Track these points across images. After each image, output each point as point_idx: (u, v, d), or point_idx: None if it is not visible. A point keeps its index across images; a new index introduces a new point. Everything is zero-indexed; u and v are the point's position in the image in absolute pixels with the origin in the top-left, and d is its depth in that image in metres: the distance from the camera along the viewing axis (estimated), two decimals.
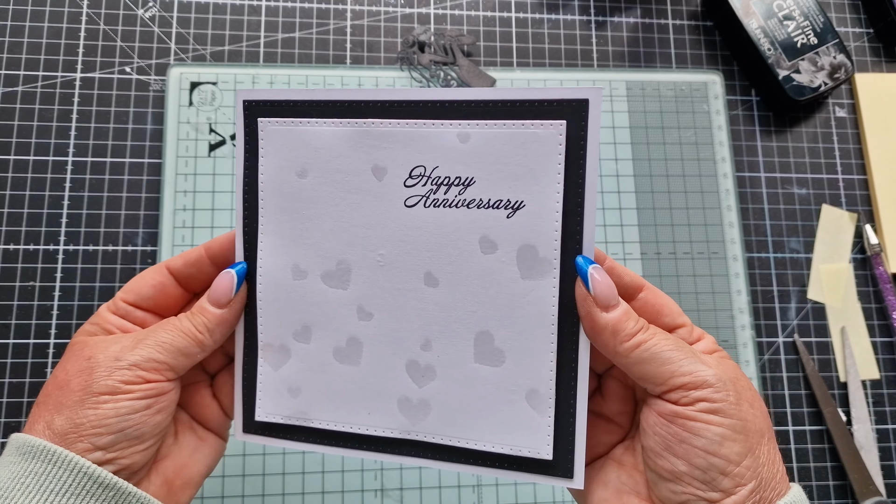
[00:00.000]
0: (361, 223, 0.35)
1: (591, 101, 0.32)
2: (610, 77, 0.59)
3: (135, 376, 0.32)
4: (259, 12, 0.58)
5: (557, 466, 0.33)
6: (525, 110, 0.33)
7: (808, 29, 0.59)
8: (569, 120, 0.33)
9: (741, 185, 0.59)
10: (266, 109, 0.36)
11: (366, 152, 0.35)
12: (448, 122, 0.34)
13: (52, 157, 0.54)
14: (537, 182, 0.33)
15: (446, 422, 0.35)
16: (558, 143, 0.33)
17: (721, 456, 0.28)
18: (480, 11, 0.61)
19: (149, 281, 0.36)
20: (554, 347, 0.33)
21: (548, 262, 0.33)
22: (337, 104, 0.35)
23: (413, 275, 0.35)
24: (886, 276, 0.58)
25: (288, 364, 0.37)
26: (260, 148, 0.36)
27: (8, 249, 0.52)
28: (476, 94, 0.34)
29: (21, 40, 0.55)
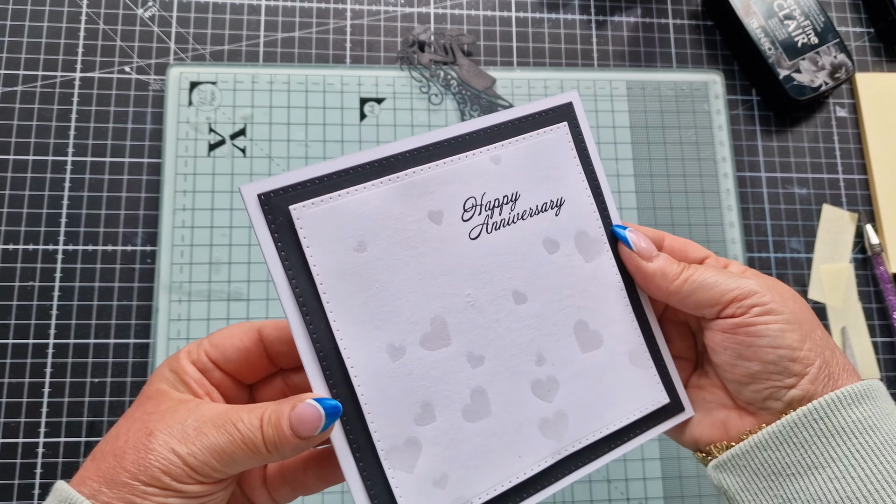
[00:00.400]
0: (438, 272, 0.34)
1: (573, 102, 0.39)
2: (610, 77, 0.59)
3: (187, 477, 0.29)
4: (259, 12, 0.58)
5: (672, 407, 0.38)
6: (531, 123, 0.38)
7: (808, 28, 0.59)
8: (567, 120, 0.39)
9: (742, 184, 0.59)
10: (290, 196, 0.32)
11: (417, 202, 0.34)
12: (478, 150, 0.36)
13: (51, 157, 0.54)
14: (566, 177, 0.38)
15: (585, 420, 0.36)
16: (568, 140, 0.39)
17: (785, 346, 0.33)
18: (480, 11, 0.60)
19: (237, 343, 0.33)
20: (630, 309, 0.38)
21: (599, 240, 0.38)
22: (369, 166, 0.34)
23: (503, 299, 0.36)
24: (887, 275, 0.58)
25: (422, 456, 0.33)
26: (301, 239, 0.32)
27: (7, 249, 0.52)
28: (489, 120, 0.37)
29: (20, 40, 0.55)
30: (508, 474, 0.35)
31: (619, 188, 0.57)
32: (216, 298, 0.52)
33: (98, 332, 0.51)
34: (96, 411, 0.50)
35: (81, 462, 0.49)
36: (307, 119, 0.55)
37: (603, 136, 0.58)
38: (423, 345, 0.34)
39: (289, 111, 0.55)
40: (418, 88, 0.57)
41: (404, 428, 0.33)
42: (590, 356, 0.37)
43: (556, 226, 0.37)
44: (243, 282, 0.52)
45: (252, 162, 0.54)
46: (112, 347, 0.51)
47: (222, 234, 0.53)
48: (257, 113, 0.55)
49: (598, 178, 0.39)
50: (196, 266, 0.52)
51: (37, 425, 0.50)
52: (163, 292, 0.51)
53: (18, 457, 0.49)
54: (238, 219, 0.53)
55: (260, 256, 0.53)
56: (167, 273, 0.52)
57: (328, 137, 0.55)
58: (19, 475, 0.49)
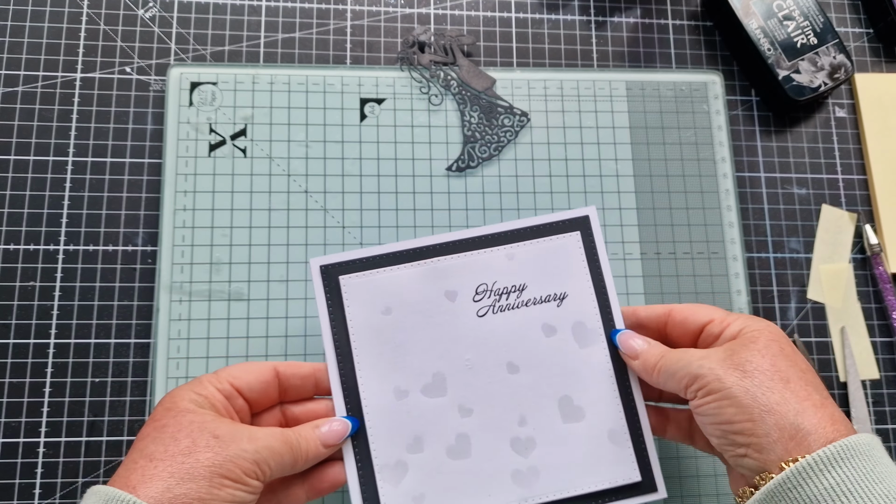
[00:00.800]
0: (446, 338, 0.43)
1: (590, 216, 0.47)
2: (610, 77, 0.59)
3: (252, 473, 0.34)
4: (259, 12, 0.58)
5: (644, 485, 0.42)
6: (548, 230, 0.46)
7: (807, 29, 0.59)
8: (580, 230, 0.46)
9: (741, 185, 0.59)
10: (341, 269, 0.45)
11: (436, 283, 0.44)
12: (496, 248, 0.45)
13: (52, 157, 0.54)
14: (572, 276, 0.45)
15: (555, 479, 0.42)
16: (578, 247, 0.46)
17: (724, 422, 0.34)
18: (480, 11, 0.61)
19: (260, 377, 0.38)
20: (616, 392, 0.43)
21: (595, 331, 0.44)
22: (404, 253, 0.44)
23: (498, 368, 0.43)
24: (886, 275, 0.58)
25: (407, 477, 0.41)
26: (344, 300, 0.44)
27: (8, 249, 0.52)
28: (511, 225, 0.46)
29: (21, 40, 0.55)
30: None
31: (618, 188, 0.57)
32: (217, 298, 0.52)
33: (99, 332, 0.51)
34: (97, 411, 0.50)
35: (82, 462, 0.49)
36: (307, 119, 0.55)
37: (602, 136, 0.58)
38: (424, 392, 0.42)
39: (289, 111, 0.55)
40: (418, 89, 0.57)
41: (397, 452, 0.41)
42: (570, 427, 0.42)
43: (557, 315, 0.44)
44: (244, 282, 0.52)
45: (253, 162, 0.54)
46: (113, 347, 0.51)
47: (223, 235, 0.53)
48: (258, 113, 0.55)
49: (605, 281, 0.45)
50: (197, 266, 0.52)
51: (37, 425, 0.50)
52: (163, 292, 0.51)
53: (19, 456, 0.49)
54: (238, 219, 0.53)
55: (261, 257, 0.53)
56: (168, 273, 0.52)
57: (328, 138, 0.55)
58: (20, 475, 0.49)
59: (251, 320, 0.52)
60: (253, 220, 0.53)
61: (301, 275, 0.53)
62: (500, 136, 0.57)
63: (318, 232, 0.54)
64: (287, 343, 0.52)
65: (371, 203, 0.55)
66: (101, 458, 0.50)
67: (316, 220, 0.54)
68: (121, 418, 0.50)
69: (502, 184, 0.56)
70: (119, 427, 0.50)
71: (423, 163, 0.56)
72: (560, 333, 0.44)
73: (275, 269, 0.53)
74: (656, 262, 0.56)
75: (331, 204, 0.54)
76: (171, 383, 0.50)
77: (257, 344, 0.51)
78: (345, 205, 0.54)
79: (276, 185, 0.54)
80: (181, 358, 0.51)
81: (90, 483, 0.49)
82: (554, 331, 0.44)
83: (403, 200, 0.55)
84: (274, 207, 0.54)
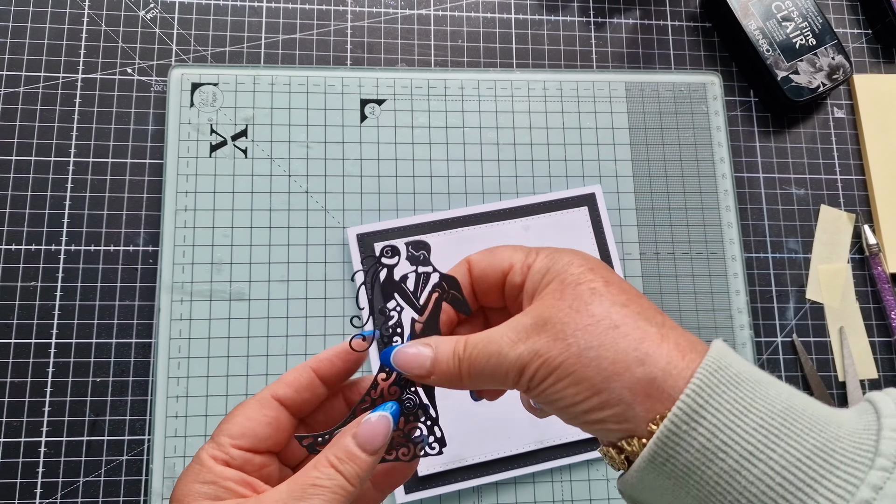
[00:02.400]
0: None
1: (596, 193, 0.55)
2: (609, 78, 0.59)
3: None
4: (260, 13, 0.59)
5: None
6: (559, 205, 0.54)
7: (806, 30, 0.60)
8: (588, 206, 0.54)
9: (740, 185, 0.60)
10: (376, 237, 0.52)
11: (461, 250, 0.46)
12: (513, 221, 0.53)
13: (53, 158, 0.54)
14: (580, 246, 0.51)
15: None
16: (586, 220, 0.54)
17: (568, 406, 0.27)
18: (480, 13, 0.61)
19: (261, 419, 0.31)
20: None
21: None
22: (433, 223, 0.51)
23: None
24: (885, 276, 0.58)
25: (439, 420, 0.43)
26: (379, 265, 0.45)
27: (10, 250, 0.52)
28: (527, 200, 0.53)
29: (23, 41, 0.56)
30: (498, 448, 0.50)
31: (617, 189, 0.57)
32: (218, 298, 0.52)
33: (100, 332, 0.52)
34: (98, 411, 0.50)
35: (83, 461, 0.49)
36: (308, 120, 0.56)
37: (602, 137, 0.58)
38: None
39: (290, 112, 0.56)
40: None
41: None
42: None
43: None
44: (245, 282, 0.52)
45: (253, 163, 0.55)
46: (114, 347, 0.51)
47: (224, 235, 0.53)
48: (258, 114, 0.55)
49: (609, 250, 0.53)
50: (198, 266, 0.52)
51: (39, 424, 0.50)
52: (165, 292, 0.52)
53: (21, 456, 0.49)
54: (239, 219, 0.54)
55: (261, 257, 0.53)
56: (169, 273, 0.52)
57: (329, 139, 0.56)
58: (21, 474, 0.49)
59: (252, 320, 0.52)
60: (254, 220, 0.54)
61: (301, 275, 0.53)
62: None
63: (318, 232, 0.54)
64: (287, 343, 0.52)
65: (371, 204, 0.55)
66: (102, 458, 0.50)
67: (316, 220, 0.54)
68: (122, 418, 0.50)
69: (502, 184, 0.56)
70: (120, 426, 0.50)
71: (424, 163, 0.56)
72: None
73: (275, 270, 0.53)
74: (655, 263, 0.56)
75: (331, 204, 0.55)
76: (171, 383, 0.50)
77: (258, 344, 0.52)
78: (345, 205, 0.55)
79: (276, 185, 0.54)
80: (182, 358, 0.51)
81: (91, 482, 0.49)
82: None
83: (403, 201, 0.55)
84: (275, 208, 0.54)
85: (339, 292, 0.53)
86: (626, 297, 0.28)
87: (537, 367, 0.28)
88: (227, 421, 0.31)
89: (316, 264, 0.53)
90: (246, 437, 0.30)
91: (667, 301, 0.56)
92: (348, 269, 0.54)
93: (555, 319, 0.28)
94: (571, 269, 0.29)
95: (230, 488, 0.29)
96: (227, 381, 0.51)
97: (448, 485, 0.50)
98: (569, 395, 0.27)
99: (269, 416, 0.31)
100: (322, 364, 0.32)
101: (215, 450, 0.30)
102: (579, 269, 0.29)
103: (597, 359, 0.27)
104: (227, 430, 0.30)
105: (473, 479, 0.50)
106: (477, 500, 0.51)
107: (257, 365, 0.52)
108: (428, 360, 0.30)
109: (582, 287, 0.29)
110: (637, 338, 0.27)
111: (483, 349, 0.29)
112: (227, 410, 0.50)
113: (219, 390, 0.51)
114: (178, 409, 0.50)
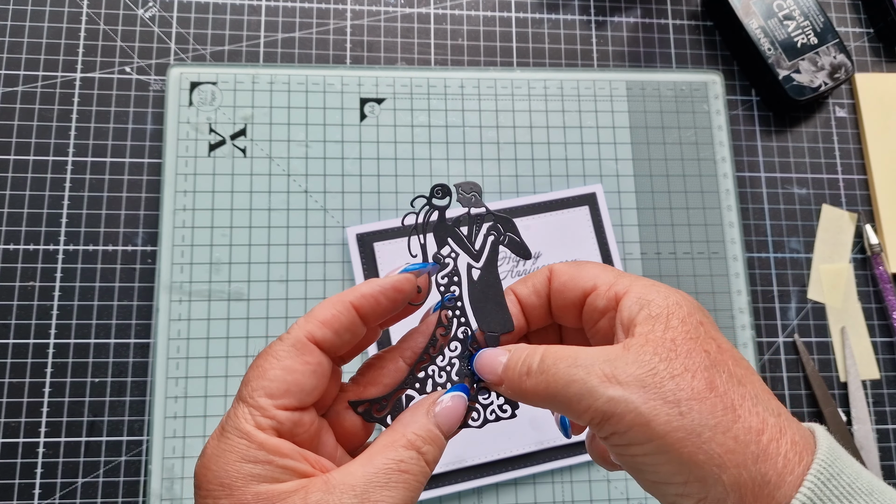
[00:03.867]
0: None
1: (597, 193, 0.55)
2: (610, 77, 0.59)
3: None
4: (259, 12, 0.58)
5: None
6: (560, 204, 0.54)
7: (808, 29, 0.59)
8: (588, 205, 0.54)
9: (741, 185, 0.59)
10: (375, 237, 0.52)
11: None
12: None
13: (51, 157, 0.54)
14: (580, 245, 0.53)
15: None
16: (587, 220, 0.54)
17: (660, 482, 0.24)
18: (480, 11, 0.61)
19: (303, 368, 0.26)
20: None
21: None
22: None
23: None
24: (886, 275, 0.58)
25: None
26: (379, 265, 0.51)
27: (8, 249, 0.52)
28: (527, 200, 0.53)
29: (21, 40, 0.55)
30: (498, 449, 0.50)
31: (618, 188, 0.57)
32: (216, 298, 0.52)
33: (98, 332, 0.51)
34: (97, 411, 0.50)
35: (82, 462, 0.49)
36: (307, 119, 0.55)
37: (602, 136, 0.58)
38: None
39: (289, 111, 0.55)
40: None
41: None
42: None
43: None
44: (244, 282, 0.52)
45: (252, 162, 0.54)
46: (112, 347, 0.51)
47: (223, 235, 0.53)
48: (257, 113, 0.55)
49: (610, 249, 0.53)
50: (196, 266, 0.52)
51: (37, 425, 0.50)
52: (163, 292, 0.51)
53: (19, 456, 0.49)
54: (238, 219, 0.53)
55: (260, 257, 0.53)
56: (168, 273, 0.52)
57: (328, 138, 0.55)
58: (20, 475, 0.49)
59: (251, 320, 0.52)
60: (253, 219, 0.53)
61: (301, 275, 0.53)
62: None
63: (317, 232, 0.54)
64: None
65: (371, 203, 0.55)
66: (100, 459, 0.50)
67: (316, 220, 0.54)
68: (120, 418, 0.50)
69: (502, 184, 0.56)
70: (119, 427, 0.50)
71: (423, 163, 0.56)
72: None
73: (274, 270, 0.53)
74: (656, 262, 0.56)
75: (331, 204, 0.54)
76: (170, 383, 0.50)
77: (257, 344, 0.51)
78: (345, 205, 0.54)
79: (275, 184, 0.54)
80: (181, 358, 0.51)
81: (89, 483, 0.49)
82: None
83: (403, 201, 0.55)
84: (274, 207, 0.54)
85: (339, 292, 0.53)
86: (743, 373, 0.25)
87: (632, 425, 0.23)
88: (260, 376, 0.25)
89: (315, 264, 0.53)
90: (291, 395, 0.25)
91: None
92: (348, 270, 0.53)
93: (663, 375, 0.24)
94: (680, 313, 0.26)
95: (289, 468, 0.24)
96: (226, 382, 0.51)
97: (448, 486, 0.49)
98: (664, 471, 0.23)
99: (311, 363, 0.26)
100: (365, 301, 0.27)
101: (259, 415, 0.24)
102: (691, 317, 0.26)
103: (709, 442, 0.23)
104: (264, 387, 0.25)
105: (474, 480, 0.50)
106: (477, 500, 0.51)
107: None
108: (500, 365, 0.27)
109: (696, 345, 0.25)
110: (756, 429, 0.23)
111: (566, 371, 0.25)
112: (226, 411, 0.50)
113: (217, 391, 0.51)
114: (177, 410, 0.50)
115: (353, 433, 0.29)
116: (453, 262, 0.29)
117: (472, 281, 0.29)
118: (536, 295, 0.30)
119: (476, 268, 0.29)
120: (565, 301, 0.29)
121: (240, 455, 0.24)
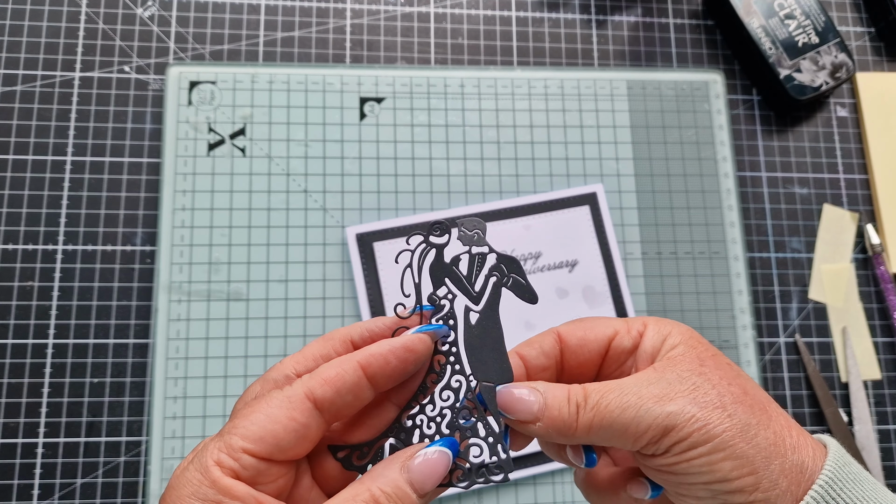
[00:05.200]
0: None
1: (598, 192, 0.55)
2: (610, 76, 0.59)
3: None
4: (258, 11, 0.58)
5: None
6: (561, 204, 0.54)
7: (809, 28, 0.59)
8: (589, 205, 0.54)
9: (742, 184, 0.59)
10: (375, 236, 0.52)
11: (461, 250, 0.48)
12: (514, 220, 0.53)
13: (50, 157, 0.53)
14: (581, 245, 0.53)
15: None
16: (588, 219, 0.53)
17: (718, 480, 0.26)
18: (480, 10, 0.60)
19: (287, 423, 0.25)
20: None
21: (603, 294, 0.52)
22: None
23: (516, 325, 0.50)
24: (888, 275, 0.57)
25: None
26: (378, 264, 0.51)
27: (7, 249, 0.52)
28: (528, 199, 0.53)
29: (20, 39, 0.55)
30: None
31: (619, 188, 0.57)
32: (215, 298, 0.52)
33: (97, 332, 0.51)
34: (95, 411, 0.50)
35: (81, 462, 0.49)
36: (307, 119, 0.55)
37: (603, 135, 0.58)
38: None
39: (288, 111, 0.55)
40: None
41: None
42: None
43: (569, 279, 0.51)
44: (243, 282, 0.52)
45: (252, 161, 0.54)
46: (111, 347, 0.51)
47: (222, 234, 0.53)
48: (257, 112, 0.55)
49: (611, 249, 0.53)
50: (195, 266, 0.52)
51: (36, 425, 0.49)
52: (162, 292, 0.51)
53: (18, 457, 0.49)
54: (237, 218, 0.53)
55: (260, 257, 0.53)
56: (166, 273, 0.51)
57: (328, 137, 0.55)
58: (19, 475, 0.49)
59: (250, 320, 0.52)
60: (252, 219, 0.53)
61: (300, 275, 0.53)
62: None
63: (317, 231, 0.54)
64: (286, 343, 0.52)
65: (371, 203, 0.54)
66: (99, 459, 0.49)
67: (315, 219, 0.54)
68: (119, 419, 0.50)
69: (503, 183, 0.56)
70: (118, 427, 0.50)
71: (423, 162, 0.56)
72: (572, 295, 0.51)
73: (274, 269, 0.53)
74: (657, 262, 0.56)
75: (330, 203, 0.54)
76: (169, 384, 0.50)
77: (256, 344, 0.51)
78: (344, 204, 0.54)
79: (275, 184, 0.54)
80: (180, 358, 0.50)
81: (88, 484, 0.49)
82: (566, 293, 0.51)
83: (403, 200, 0.55)
84: (273, 207, 0.54)
85: (338, 292, 0.53)
86: (753, 382, 0.29)
87: (692, 432, 0.25)
88: (245, 417, 0.25)
89: (315, 264, 0.53)
90: (264, 443, 0.24)
91: (669, 301, 0.55)
92: (347, 269, 0.53)
93: (705, 386, 0.27)
94: (695, 337, 0.29)
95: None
96: (226, 382, 0.51)
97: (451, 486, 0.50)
98: (723, 469, 0.25)
99: (297, 422, 0.25)
100: (374, 361, 0.26)
101: (223, 454, 0.24)
102: (702, 341, 0.29)
103: (755, 437, 0.26)
104: (242, 428, 0.24)
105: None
106: (477, 501, 0.50)
107: (255, 366, 0.51)
108: (536, 404, 0.27)
109: (719, 360, 0.28)
110: (784, 424, 0.27)
111: (617, 400, 0.26)
112: (225, 412, 0.50)
113: (217, 391, 0.50)
114: (176, 410, 0.50)
115: (332, 476, 0.28)
116: (449, 304, 0.28)
117: (470, 325, 0.27)
118: (545, 356, 0.30)
119: (475, 311, 0.27)
120: (589, 354, 0.30)
121: (192, 490, 0.24)
